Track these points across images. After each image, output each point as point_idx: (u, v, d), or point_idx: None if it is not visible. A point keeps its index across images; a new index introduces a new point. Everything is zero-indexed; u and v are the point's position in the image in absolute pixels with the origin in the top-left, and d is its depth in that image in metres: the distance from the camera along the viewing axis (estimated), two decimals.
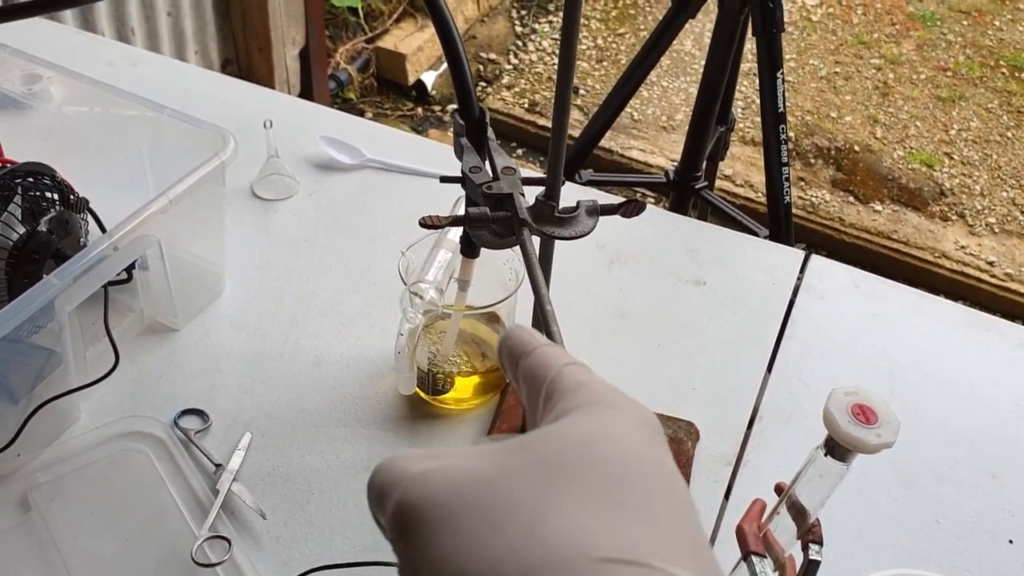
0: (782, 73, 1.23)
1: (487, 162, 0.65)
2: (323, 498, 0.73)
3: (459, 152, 0.66)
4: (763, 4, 1.20)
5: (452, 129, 0.67)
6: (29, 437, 0.72)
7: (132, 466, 0.74)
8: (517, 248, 0.65)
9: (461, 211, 0.84)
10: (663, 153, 2.78)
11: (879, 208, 2.66)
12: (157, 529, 0.70)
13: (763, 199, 1.39)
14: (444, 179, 0.65)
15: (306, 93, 2.60)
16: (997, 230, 2.62)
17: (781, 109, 1.24)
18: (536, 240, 0.63)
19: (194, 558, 0.66)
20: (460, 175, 0.65)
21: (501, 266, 0.77)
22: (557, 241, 0.70)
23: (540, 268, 0.56)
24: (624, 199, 0.62)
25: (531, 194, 0.62)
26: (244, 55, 2.46)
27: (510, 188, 0.62)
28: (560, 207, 0.62)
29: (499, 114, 2.90)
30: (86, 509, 0.71)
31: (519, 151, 2.85)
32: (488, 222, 0.61)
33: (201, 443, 0.75)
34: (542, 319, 0.53)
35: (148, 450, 0.75)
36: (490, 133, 0.67)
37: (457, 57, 0.62)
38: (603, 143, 2.76)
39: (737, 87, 1.49)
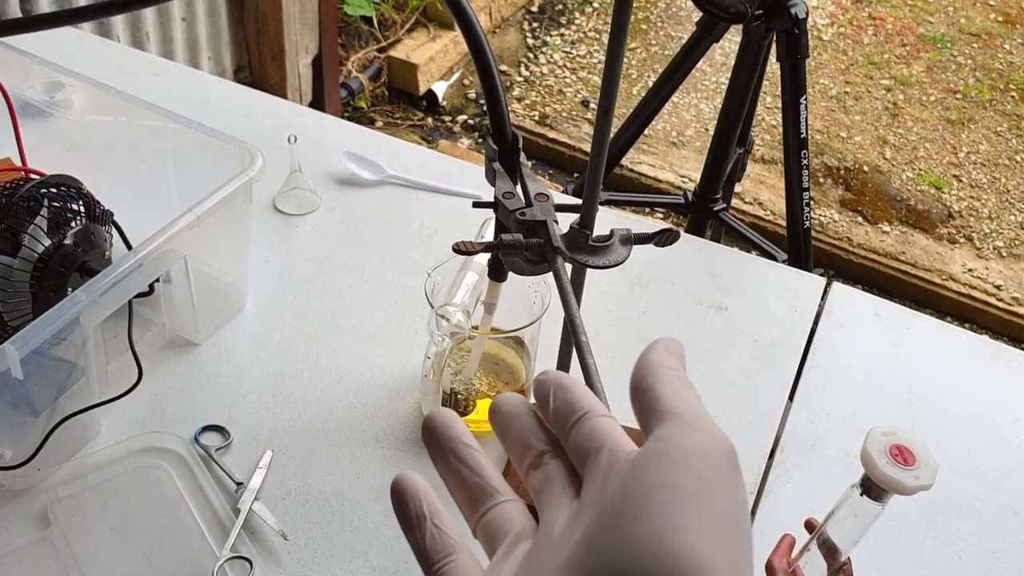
0: (805, 99, 1.23)
1: (519, 187, 0.65)
2: (344, 519, 0.72)
3: (491, 177, 0.66)
4: (788, 30, 1.20)
5: (484, 154, 0.66)
6: (49, 451, 0.71)
7: (152, 483, 0.74)
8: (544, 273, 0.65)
9: (488, 234, 0.84)
10: (672, 169, 2.78)
11: (887, 229, 2.66)
12: (177, 548, 0.69)
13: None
14: (477, 204, 0.65)
15: (317, 100, 2.59)
16: (1005, 254, 2.62)
17: (804, 135, 1.24)
18: (567, 267, 0.63)
19: None
20: (492, 200, 0.64)
21: (526, 289, 0.77)
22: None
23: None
24: (660, 228, 0.62)
25: (563, 221, 0.62)
26: (257, 62, 2.46)
27: (544, 215, 0.61)
28: (593, 235, 0.61)
29: None
30: (106, 525, 0.71)
31: (529, 164, 2.85)
32: (522, 249, 0.61)
33: (222, 460, 0.75)
34: (577, 351, 0.53)
35: (168, 467, 0.74)
36: (522, 158, 0.66)
37: (493, 86, 0.62)
38: None
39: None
